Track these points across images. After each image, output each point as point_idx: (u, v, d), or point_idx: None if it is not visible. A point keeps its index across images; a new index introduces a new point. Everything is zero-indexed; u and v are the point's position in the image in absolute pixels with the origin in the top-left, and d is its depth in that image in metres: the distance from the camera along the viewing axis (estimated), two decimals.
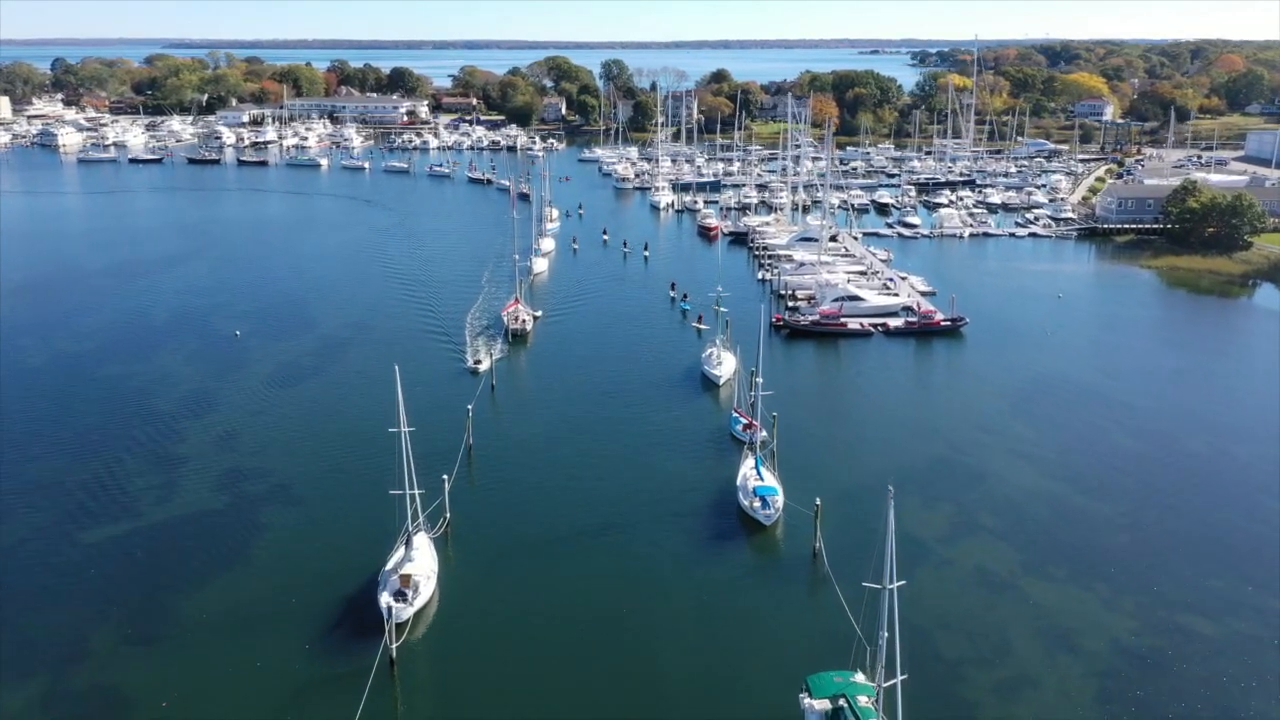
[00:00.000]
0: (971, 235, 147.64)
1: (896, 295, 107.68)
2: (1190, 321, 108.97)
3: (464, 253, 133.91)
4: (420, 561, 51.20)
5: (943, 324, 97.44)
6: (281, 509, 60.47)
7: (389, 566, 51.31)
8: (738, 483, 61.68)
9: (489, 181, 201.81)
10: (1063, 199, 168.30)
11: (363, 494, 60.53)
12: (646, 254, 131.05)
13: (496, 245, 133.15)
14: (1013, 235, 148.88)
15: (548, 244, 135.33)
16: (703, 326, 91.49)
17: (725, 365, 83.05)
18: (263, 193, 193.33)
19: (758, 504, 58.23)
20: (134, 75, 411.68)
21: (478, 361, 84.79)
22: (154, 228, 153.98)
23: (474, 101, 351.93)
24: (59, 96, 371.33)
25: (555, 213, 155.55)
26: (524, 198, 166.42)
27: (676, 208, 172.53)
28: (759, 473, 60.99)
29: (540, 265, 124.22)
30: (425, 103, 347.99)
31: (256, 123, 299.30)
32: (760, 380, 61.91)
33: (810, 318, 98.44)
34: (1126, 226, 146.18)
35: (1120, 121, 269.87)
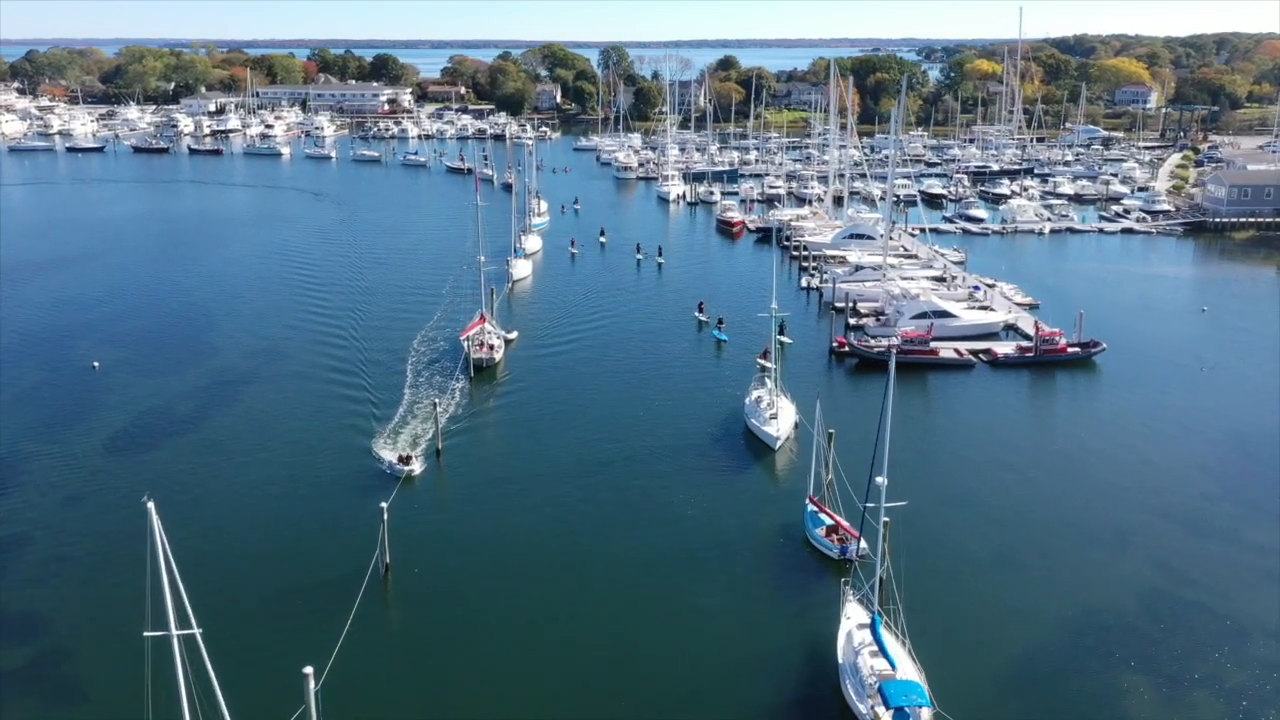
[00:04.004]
0: (1052, 231, 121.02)
1: (991, 309, 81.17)
2: None
3: (426, 255, 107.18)
4: None
5: (1070, 350, 70.84)
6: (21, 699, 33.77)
7: None
8: (841, 660, 35.06)
9: (469, 171, 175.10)
10: (1152, 188, 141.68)
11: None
12: (660, 259, 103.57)
13: (468, 246, 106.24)
14: (1101, 231, 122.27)
15: (533, 243, 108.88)
16: (767, 364, 61.54)
17: (782, 418, 56.31)
18: (206, 184, 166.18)
19: (888, 718, 31.54)
20: (103, 65, 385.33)
21: (405, 458, 51.51)
22: (57, 222, 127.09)
23: (462, 90, 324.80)
24: (14, 85, 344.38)
25: (544, 205, 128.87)
26: (508, 189, 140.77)
27: (689, 200, 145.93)
28: (880, 645, 34.30)
29: (523, 269, 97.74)
30: (409, 91, 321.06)
31: (221, 111, 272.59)
32: (883, 481, 34.86)
33: (887, 341, 71.69)
34: (1244, 220, 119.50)
35: (1183, 107, 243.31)
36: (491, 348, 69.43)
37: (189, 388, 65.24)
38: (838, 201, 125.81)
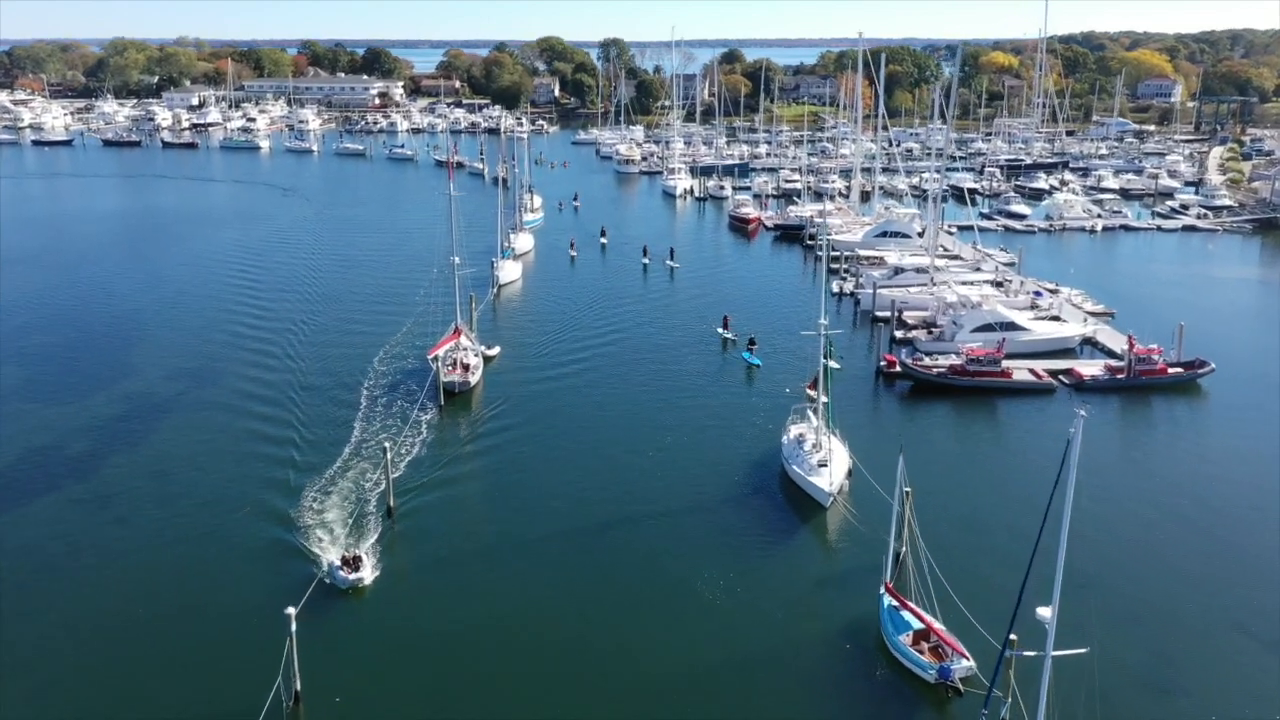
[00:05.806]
0: (1105, 229, 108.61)
1: (1063, 320, 68.74)
2: None
3: (401, 256, 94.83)
4: None
5: (1171, 372, 58.42)
6: None
7: None
8: None
9: (461, 165, 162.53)
10: (1207, 181, 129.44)
11: None
12: (673, 264, 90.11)
13: (448, 246, 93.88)
14: (1159, 229, 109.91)
15: (524, 242, 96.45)
16: (818, 394, 47.40)
17: (835, 466, 43.74)
18: (173, 179, 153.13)
19: None
20: (86, 59, 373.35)
21: (351, 560, 36.46)
22: None
23: (456, 84, 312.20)
24: None
25: (537, 201, 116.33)
26: (498, 183, 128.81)
27: (697, 194, 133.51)
28: None
29: (511, 272, 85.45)
30: (401, 85, 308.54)
31: (201, 105, 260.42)
32: (1051, 615, 22.12)
33: (949, 360, 59.27)
34: None
35: (1217, 100, 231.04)
36: (467, 368, 57.03)
37: (91, 420, 52.78)
38: (864, 196, 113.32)
